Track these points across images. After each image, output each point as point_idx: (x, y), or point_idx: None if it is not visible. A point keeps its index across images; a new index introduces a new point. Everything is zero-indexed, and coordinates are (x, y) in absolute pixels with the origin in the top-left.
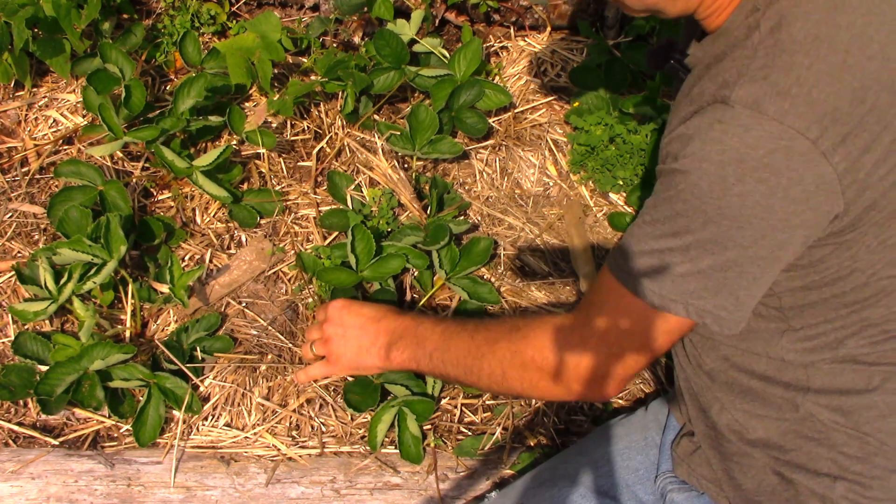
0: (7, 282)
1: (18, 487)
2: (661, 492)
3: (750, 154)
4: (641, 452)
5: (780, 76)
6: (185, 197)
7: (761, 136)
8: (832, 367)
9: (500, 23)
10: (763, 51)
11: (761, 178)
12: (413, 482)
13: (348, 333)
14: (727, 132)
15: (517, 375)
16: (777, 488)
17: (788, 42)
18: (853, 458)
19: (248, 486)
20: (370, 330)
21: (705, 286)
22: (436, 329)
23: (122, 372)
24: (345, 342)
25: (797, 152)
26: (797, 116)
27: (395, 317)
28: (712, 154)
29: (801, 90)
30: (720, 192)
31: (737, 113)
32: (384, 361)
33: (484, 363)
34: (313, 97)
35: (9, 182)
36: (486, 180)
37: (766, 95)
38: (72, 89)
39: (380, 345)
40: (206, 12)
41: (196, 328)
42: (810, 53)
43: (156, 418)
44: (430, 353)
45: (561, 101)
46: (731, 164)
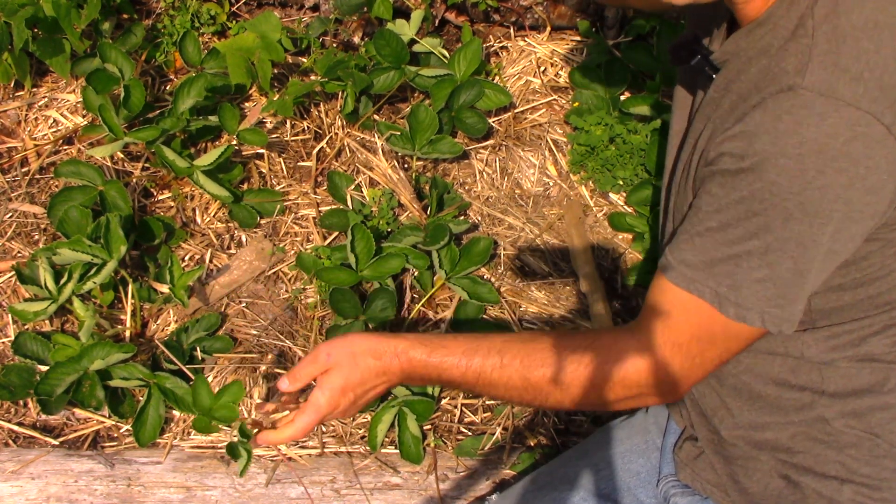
0: (7, 282)
1: (18, 487)
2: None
3: (830, 144)
4: (643, 455)
5: (851, 61)
6: (185, 197)
7: (838, 123)
8: (850, 366)
9: (500, 23)
10: (823, 37)
11: (841, 168)
12: (413, 482)
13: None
14: (802, 122)
15: (589, 390)
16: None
17: (850, 28)
18: (861, 461)
19: (248, 486)
20: (370, 369)
21: (783, 293)
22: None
23: (121, 371)
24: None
25: (874, 138)
26: (872, 101)
27: (396, 344)
28: (788, 148)
29: (872, 74)
30: (801, 186)
31: (808, 100)
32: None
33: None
34: (313, 97)
35: (9, 182)
36: (486, 180)
37: (840, 80)
38: (72, 89)
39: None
40: (206, 12)
41: (196, 328)
42: (874, 39)
43: (156, 418)
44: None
45: (561, 101)
46: (810, 155)
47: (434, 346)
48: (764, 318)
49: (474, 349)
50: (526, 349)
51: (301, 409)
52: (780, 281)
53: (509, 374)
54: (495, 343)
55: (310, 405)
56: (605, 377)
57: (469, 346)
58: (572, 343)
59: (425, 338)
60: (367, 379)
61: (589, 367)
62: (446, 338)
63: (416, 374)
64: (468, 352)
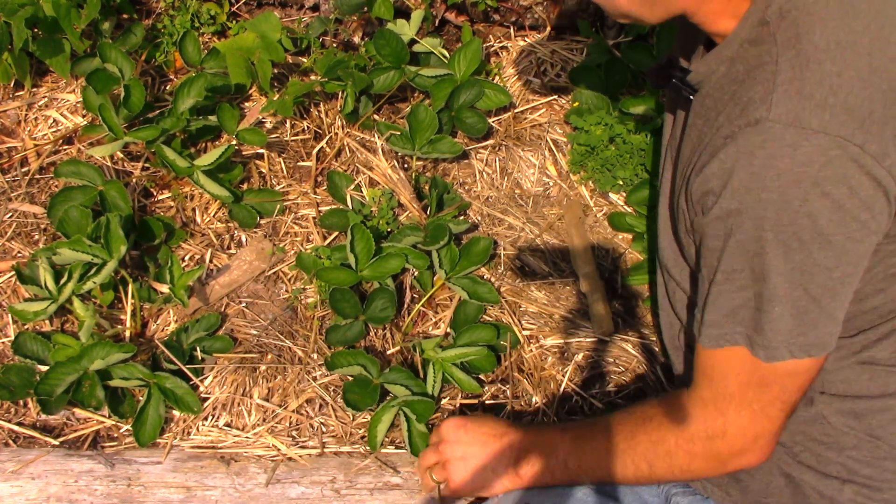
0: (7, 282)
1: (18, 487)
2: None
3: (806, 172)
4: None
5: (814, 88)
6: (185, 197)
7: (811, 151)
8: (851, 370)
9: (500, 23)
10: (787, 63)
11: (824, 193)
12: (413, 482)
13: (469, 453)
14: (775, 155)
15: (665, 465)
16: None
17: (812, 51)
18: (863, 462)
19: (248, 486)
20: (493, 448)
21: (804, 321)
22: (565, 436)
23: (121, 371)
24: (465, 464)
25: (850, 159)
26: (840, 125)
27: (518, 430)
28: (768, 181)
29: (837, 99)
30: (790, 217)
31: (777, 133)
32: (514, 480)
33: (627, 461)
34: (313, 97)
35: (9, 182)
36: (486, 180)
37: (805, 108)
38: (72, 89)
39: (507, 462)
40: (206, 12)
41: (196, 328)
42: (837, 60)
43: (155, 418)
44: (563, 462)
45: (561, 101)
46: (790, 186)
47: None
48: (792, 351)
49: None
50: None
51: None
52: (797, 312)
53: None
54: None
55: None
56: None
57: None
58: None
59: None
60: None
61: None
62: None
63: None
64: (567, 424)
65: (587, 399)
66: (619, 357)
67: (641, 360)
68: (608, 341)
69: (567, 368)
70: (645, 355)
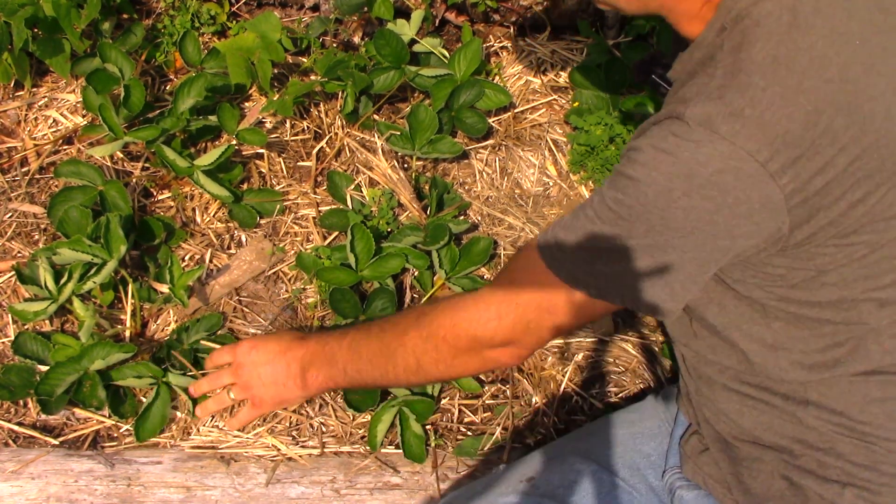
0: (7, 282)
1: (18, 487)
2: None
3: (699, 171)
4: (654, 439)
5: (735, 96)
6: (185, 197)
7: (712, 154)
8: (830, 385)
9: (500, 23)
10: (722, 70)
11: (708, 196)
12: (413, 482)
13: (261, 372)
14: (680, 146)
15: (431, 359)
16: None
17: (748, 62)
18: (861, 466)
19: (248, 486)
20: (280, 363)
21: (642, 282)
22: (342, 342)
23: (131, 371)
24: (261, 382)
25: (746, 173)
26: (748, 138)
27: (301, 342)
28: (662, 165)
29: (753, 112)
30: (665, 203)
31: (688, 128)
32: (303, 390)
33: (398, 358)
34: (313, 97)
35: (9, 182)
36: (486, 180)
37: (720, 115)
38: (72, 89)
39: (294, 374)
40: (206, 12)
41: (197, 328)
42: (767, 75)
43: (159, 417)
44: (343, 369)
45: (561, 101)
46: (679, 177)
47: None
48: (624, 300)
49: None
50: (391, 318)
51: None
52: (640, 275)
53: (371, 339)
54: (373, 327)
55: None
56: (442, 328)
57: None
58: (425, 309)
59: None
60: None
61: (430, 319)
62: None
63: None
64: (347, 329)
65: (587, 399)
66: (619, 357)
67: (641, 360)
68: (608, 341)
69: (567, 368)
70: (645, 355)
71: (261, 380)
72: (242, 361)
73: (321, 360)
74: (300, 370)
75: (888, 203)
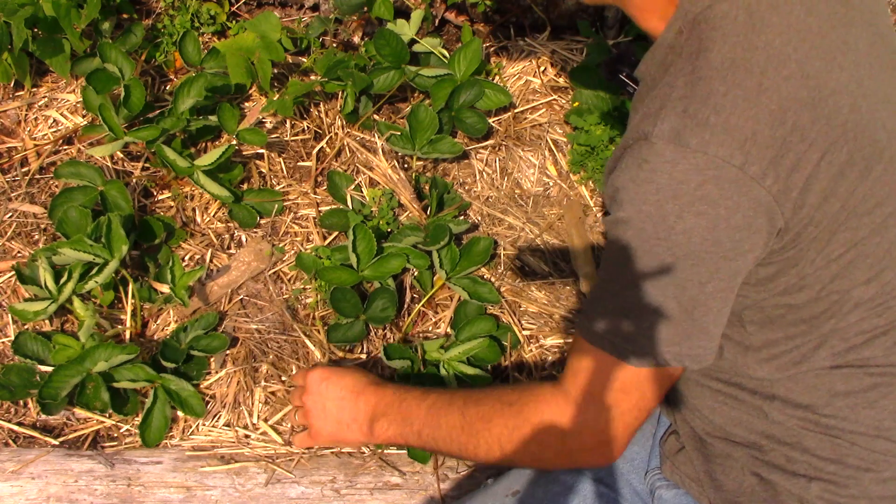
0: (7, 282)
1: (18, 487)
2: (650, 488)
3: (682, 189)
4: (637, 443)
5: (699, 106)
6: (185, 197)
7: (688, 169)
8: (796, 381)
9: (500, 23)
10: (682, 79)
11: (700, 212)
12: (413, 482)
13: (328, 406)
14: (655, 170)
15: (519, 451)
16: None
17: (706, 69)
18: (826, 460)
19: (248, 486)
20: (349, 403)
21: (676, 331)
22: (422, 405)
23: (128, 373)
24: (324, 416)
25: (727, 180)
26: (719, 145)
27: (377, 389)
28: (648, 195)
29: (718, 118)
30: (665, 232)
31: (660, 148)
32: (366, 437)
33: (480, 440)
34: (313, 97)
35: (9, 182)
36: (486, 180)
37: (686, 128)
38: (72, 89)
39: (361, 420)
40: (206, 12)
41: (195, 327)
42: (727, 79)
43: (161, 420)
44: (418, 431)
45: (561, 101)
46: (667, 201)
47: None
48: (667, 358)
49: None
50: (473, 394)
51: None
52: (671, 323)
53: (452, 412)
54: (455, 400)
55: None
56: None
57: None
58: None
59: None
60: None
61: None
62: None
63: (380, 408)
64: (428, 391)
65: None
66: None
67: None
68: None
69: None
70: None
71: (325, 413)
72: (312, 390)
73: (396, 414)
74: (369, 418)
75: (860, 198)
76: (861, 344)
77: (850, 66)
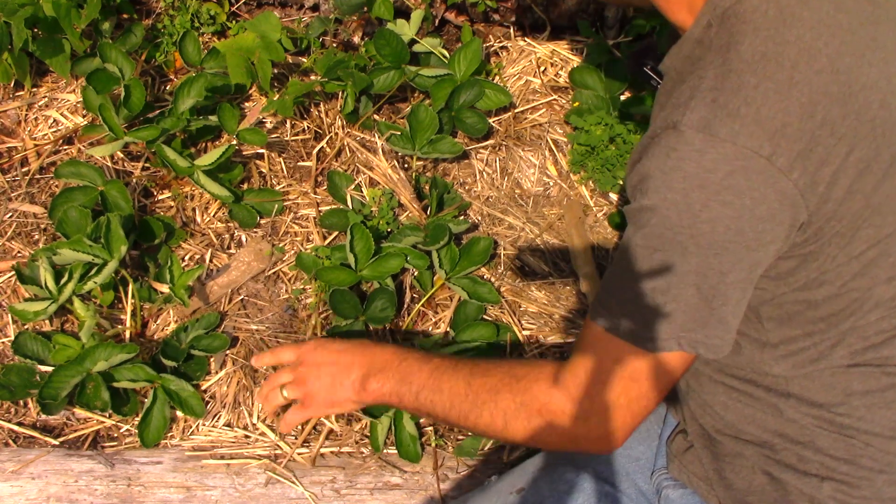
0: (7, 282)
1: (18, 487)
2: (657, 488)
3: (710, 178)
4: (643, 443)
5: (729, 97)
6: (185, 197)
7: (717, 158)
8: (812, 379)
9: (500, 23)
10: (713, 71)
11: (726, 202)
12: (413, 482)
13: (322, 370)
14: (684, 158)
15: (522, 427)
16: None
17: (737, 62)
18: (840, 460)
19: (248, 486)
20: (343, 361)
21: (693, 318)
22: (424, 367)
23: (128, 373)
24: (318, 377)
25: (755, 171)
26: (748, 136)
27: (374, 348)
28: (674, 183)
29: (749, 109)
30: (690, 220)
31: (689, 137)
32: (359, 394)
33: (484, 411)
34: (313, 97)
35: (9, 182)
36: (486, 180)
37: (717, 118)
38: (72, 89)
39: (355, 377)
40: (206, 12)
41: (195, 327)
42: (757, 72)
43: (160, 420)
44: (416, 392)
45: (561, 101)
46: (694, 190)
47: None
48: (681, 343)
49: (436, 355)
50: (480, 364)
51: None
52: (689, 310)
53: (457, 379)
54: (461, 368)
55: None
56: (537, 401)
57: (436, 367)
58: (517, 371)
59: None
60: (335, 346)
61: (525, 387)
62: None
63: (377, 364)
64: (431, 355)
65: None
66: None
67: None
68: None
69: None
70: None
71: (318, 378)
72: (304, 359)
73: (394, 372)
74: (362, 375)
75: (885, 195)
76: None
77: (880, 63)
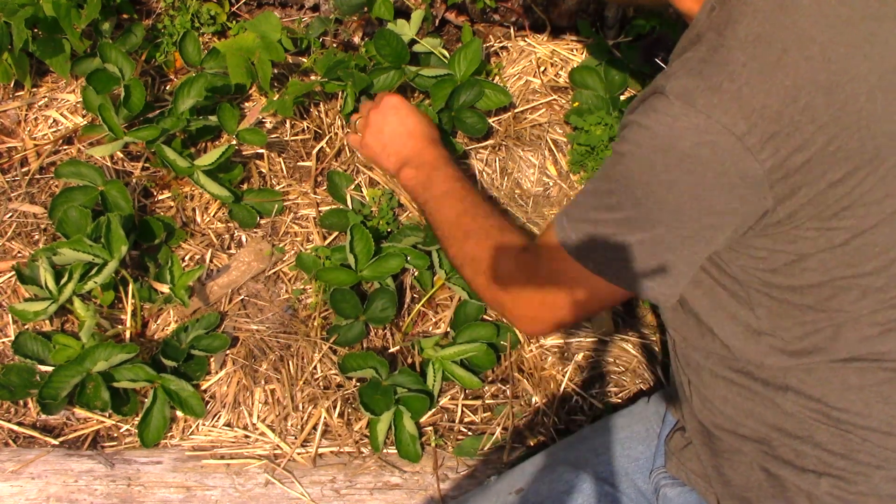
0: (7, 282)
1: (18, 487)
2: (655, 486)
3: (676, 144)
4: (643, 443)
5: (714, 71)
6: (185, 197)
7: (688, 127)
8: (809, 373)
9: (500, 23)
10: (706, 46)
11: (688, 170)
12: (413, 482)
13: (385, 130)
14: (659, 120)
15: (470, 273)
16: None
17: (731, 39)
18: (837, 455)
19: (248, 486)
20: (400, 140)
21: (636, 258)
22: (442, 184)
23: (128, 373)
24: (377, 136)
25: (722, 147)
26: (724, 112)
27: (427, 144)
28: (644, 140)
29: (731, 86)
30: (648, 177)
31: (669, 102)
32: (395, 172)
33: (453, 245)
34: (313, 97)
35: (9, 182)
36: (486, 180)
37: (698, 88)
38: (72, 89)
39: (397, 158)
40: (206, 12)
41: (195, 327)
42: (747, 51)
43: (160, 420)
44: (426, 200)
45: (561, 101)
46: (659, 151)
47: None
48: (619, 278)
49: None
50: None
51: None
52: (633, 249)
53: (454, 207)
54: (465, 201)
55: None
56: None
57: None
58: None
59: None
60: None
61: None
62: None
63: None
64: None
65: (587, 399)
66: (619, 357)
67: (641, 360)
68: (608, 341)
69: (567, 368)
70: (645, 355)
71: (379, 134)
72: (381, 110)
73: (423, 175)
74: (404, 159)
75: (868, 187)
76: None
77: (875, 57)
